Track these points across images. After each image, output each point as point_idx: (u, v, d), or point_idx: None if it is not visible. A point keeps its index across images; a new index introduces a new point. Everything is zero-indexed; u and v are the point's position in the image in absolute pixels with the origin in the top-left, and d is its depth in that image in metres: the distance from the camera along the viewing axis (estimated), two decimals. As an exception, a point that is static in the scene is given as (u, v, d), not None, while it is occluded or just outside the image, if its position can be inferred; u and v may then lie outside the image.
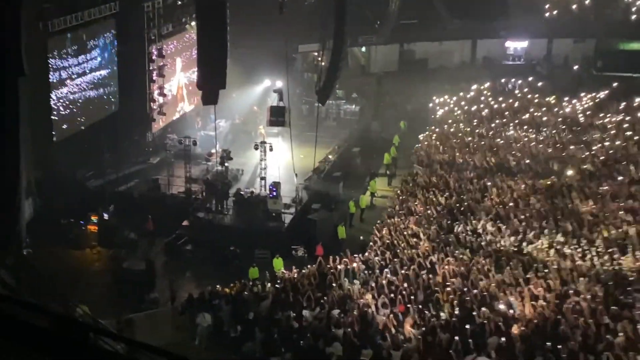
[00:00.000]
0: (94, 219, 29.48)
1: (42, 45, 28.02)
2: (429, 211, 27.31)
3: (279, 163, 31.84)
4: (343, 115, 44.70)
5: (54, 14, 29.09)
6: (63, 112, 30.48)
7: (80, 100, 31.57)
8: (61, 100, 30.29)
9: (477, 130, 37.44)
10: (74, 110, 31.21)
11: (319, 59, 34.75)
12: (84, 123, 32.00)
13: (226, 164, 32.71)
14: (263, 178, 31.54)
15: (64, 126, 30.68)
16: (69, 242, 28.74)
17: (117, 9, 32.67)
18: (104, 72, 32.91)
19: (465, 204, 27.44)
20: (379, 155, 37.91)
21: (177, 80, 37.70)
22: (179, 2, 37.37)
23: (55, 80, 29.72)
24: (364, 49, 51.63)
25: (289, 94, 31.39)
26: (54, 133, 29.80)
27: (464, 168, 32.05)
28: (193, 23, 35.94)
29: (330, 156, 36.64)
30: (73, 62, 30.91)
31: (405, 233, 25.37)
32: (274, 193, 29.95)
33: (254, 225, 29.75)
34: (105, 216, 29.80)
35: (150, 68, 34.88)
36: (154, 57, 34.85)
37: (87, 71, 31.75)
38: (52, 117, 29.67)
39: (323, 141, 34.81)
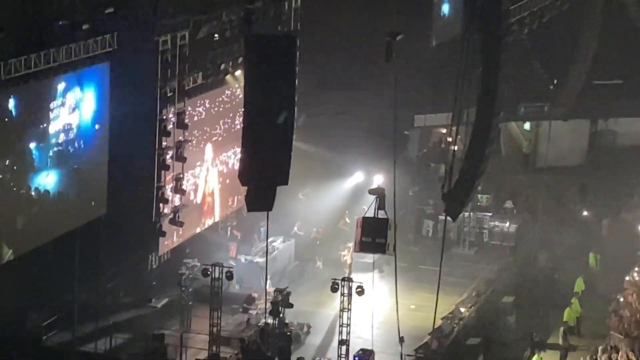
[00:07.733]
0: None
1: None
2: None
3: (373, 317, 29.91)
4: (488, 238, 40.10)
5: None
6: (9, 212, 26.72)
7: (39, 196, 27.77)
8: (6, 193, 26.05)
9: None
10: (30, 212, 27.58)
11: (449, 139, 31.91)
12: (42, 235, 28.22)
13: (281, 315, 30.33)
14: (344, 342, 29.09)
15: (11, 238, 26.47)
16: None
17: (113, 46, 28.98)
18: (83, 151, 29.83)
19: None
20: (549, 312, 33.42)
21: (205, 168, 35.05)
22: (216, 37, 33.05)
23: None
24: (527, 125, 47.20)
25: (395, 197, 27.62)
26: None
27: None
28: (238, 72, 33.69)
29: (462, 309, 32.79)
30: (33, 125, 27.25)
31: None
32: (363, 370, 26.23)
33: None
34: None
35: (163, 146, 31.10)
36: (169, 128, 31.21)
37: (57, 146, 28.47)
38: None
39: (451, 282, 32.16)
